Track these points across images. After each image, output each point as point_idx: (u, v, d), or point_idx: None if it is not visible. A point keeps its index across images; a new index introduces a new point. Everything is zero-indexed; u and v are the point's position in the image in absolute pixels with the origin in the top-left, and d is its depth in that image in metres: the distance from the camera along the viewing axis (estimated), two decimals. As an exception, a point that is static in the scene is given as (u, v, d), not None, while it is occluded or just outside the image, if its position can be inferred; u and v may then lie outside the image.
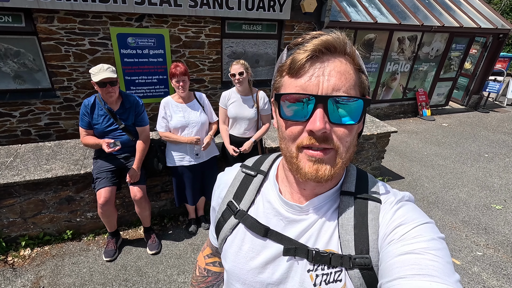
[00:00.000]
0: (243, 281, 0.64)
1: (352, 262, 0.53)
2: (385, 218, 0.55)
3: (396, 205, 0.56)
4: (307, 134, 0.51)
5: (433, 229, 0.51)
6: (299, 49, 0.50)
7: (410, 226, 0.51)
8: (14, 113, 4.25)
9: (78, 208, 2.71)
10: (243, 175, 0.71)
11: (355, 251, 0.53)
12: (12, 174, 2.42)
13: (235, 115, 2.61)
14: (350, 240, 0.54)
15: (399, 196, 0.58)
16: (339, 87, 0.49)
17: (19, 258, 2.52)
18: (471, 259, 2.77)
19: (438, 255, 0.46)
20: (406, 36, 6.79)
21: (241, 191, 0.68)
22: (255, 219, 0.63)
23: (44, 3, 3.71)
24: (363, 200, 0.57)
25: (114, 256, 2.61)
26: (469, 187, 4.11)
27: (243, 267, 0.64)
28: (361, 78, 0.53)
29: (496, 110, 8.48)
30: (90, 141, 2.35)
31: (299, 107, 0.50)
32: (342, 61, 0.50)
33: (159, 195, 3.02)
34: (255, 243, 0.63)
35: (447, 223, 3.30)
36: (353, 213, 0.56)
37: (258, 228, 0.62)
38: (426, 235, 0.49)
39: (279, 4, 4.86)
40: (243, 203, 0.66)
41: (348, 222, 0.55)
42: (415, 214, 0.54)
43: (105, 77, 2.17)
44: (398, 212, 0.55)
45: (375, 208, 0.56)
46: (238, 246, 0.65)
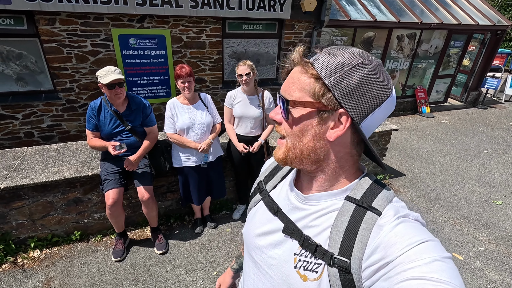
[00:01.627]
0: (247, 244, 0.78)
1: (332, 260, 0.56)
2: (380, 233, 0.54)
3: (396, 220, 0.54)
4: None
5: (435, 248, 0.49)
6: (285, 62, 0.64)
7: (408, 245, 0.49)
8: (17, 115, 4.26)
9: (85, 210, 2.74)
10: (276, 163, 0.83)
11: (338, 252, 0.56)
12: (21, 176, 2.44)
13: (241, 115, 2.64)
14: (338, 241, 0.57)
15: (403, 213, 0.57)
16: (285, 89, 0.62)
17: (28, 260, 2.55)
18: (473, 254, 2.82)
19: (442, 279, 0.43)
20: (405, 33, 6.84)
21: (271, 176, 0.81)
22: (272, 198, 0.75)
23: (46, 5, 3.71)
24: (363, 209, 0.58)
25: (123, 256, 2.64)
26: (469, 183, 4.17)
27: (251, 232, 0.77)
28: (314, 85, 0.56)
29: (495, 106, 8.55)
30: (97, 143, 2.38)
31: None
32: (296, 69, 0.61)
33: (165, 195, 3.05)
34: (265, 217, 0.74)
35: (448, 219, 3.36)
36: (349, 218, 0.58)
37: (272, 206, 0.73)
38: (426, 255, 0.47)
39: (279, 3, 4.88)
40: (269, 185, 0.79)
41: (342, 224, 0.58)
42: (416, 231, 0.52)
43: (114, 78, 2.20)
44: (396, 228, 0.53)
45: (371, 219, 0.56)
46: (253, 215, 0.79)
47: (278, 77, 5.84)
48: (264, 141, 2.73)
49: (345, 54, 0.56)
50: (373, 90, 0.55)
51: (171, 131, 2.57)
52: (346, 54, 0.56)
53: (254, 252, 0.75)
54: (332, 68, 0.55)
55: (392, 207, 0.58)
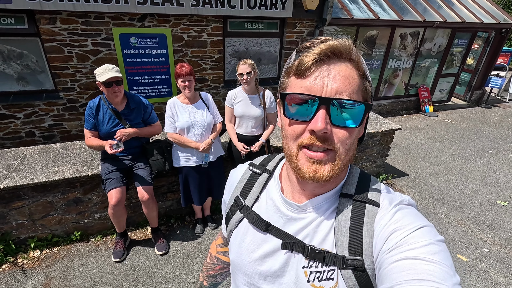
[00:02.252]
0: (244, 272, 0.68)
1: (344, 263, 0.54)
2: (381, 223, 0.55)
3: (393, 208, 0.56)
4: (308, 134, 0.53)
5: (430, 233, 0.51)
6: (307, 52, 0.52)
7: (406, 231, 0.51)
8: (18, 115, 4.25)
9: (86, 210, 2.72)
10: (250, 173, 0.74)
11: (348, 252, 0.55)
12: (20, 176, 2.42)
13: (242, 114, 2.61)
14: (345, 241, 0.55)
15: (397, 200, 0.58)
16: (342, 91, 0.51)
17: (28, 260, 2.53)
18: (478, 256, 2.77)
19: (435, 259, 0.46)
20: (408, 32, 6.77)
21: (247, 188, 0.72)
22: (258, 214, 0.67)
23: (46, 5, 3.70)
24: (361, 203, 0.58)
25: (123, 257, 2.62)
26: (473, 184, 4.11)
27: (245, 258, 0.68)
28: (365, 84, 0.55)
29: (499, 105, 8.46)
30: (94, 142, 2.35)
31: (303, 107, 0.53)
32: (347, 66, 0.52)
33: (165, 196, 3.03)
34: (256, 237, 0.66)
35: (453, 220, 3.31)
36: (350, 215, 0.57)
37: (259, 223, 0.65)
38: (423, 239, 0.49)
39: (281, 2, 4.84)
40: (248, 199, 0.70)
41: (344, 223, 0.56)
42: (412, 218, 0.54)
43: (111, 76, 2.17)
44: (395, 216, 0.54)
45: (372, 211, 0.56)
46: (241, 238, 0.69)
47: (279, 76, 5.79)
48: (266, 141, 2.70)
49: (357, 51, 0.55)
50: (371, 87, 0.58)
51: (172, 131, 2.55)
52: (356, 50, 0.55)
53: (257, 281, 0.66)
54: (366, 66, 0.55)
55: (386, 196, 0.59)
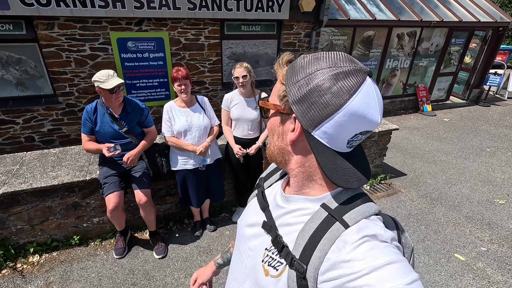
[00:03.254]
0: (238, 232, 0.84)
1: (292, 262, 0.58)
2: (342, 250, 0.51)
3: (360, 239, 0.50)
4: None
5: (397, 273, 0.45)
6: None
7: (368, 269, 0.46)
8: (17, 120, 4.27)
9: (84, 214, 2.74)
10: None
11: (299, 256, 0.57)
12: (19, 182, 2.44)
13: (238, 117, 2.63)
14: (301, 245, 0.58)
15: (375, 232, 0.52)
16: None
17: (28, 265, 2.55)
18: (476, 255, 2.78)
19: None
20: (405, 32, 6.79)
21: (271, 174, 0.86)
22: (265, 195, 0.79)
23: (44, 10, 3.72)
24: (333, 219, 0.56)
25: (124, 253, 2.68)
26: (472, 182, 4.12)
27: (242, 221, 0.83)
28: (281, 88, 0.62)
29: (497, 104, 8.47)
30: (91, 146, 2.37)
31: None
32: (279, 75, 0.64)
33: (164, 199, 3.05)
34: (255, 210, 0.79)
35: (450, 219, 3.32)
36: (317, 225, 0.57)
37: (262, 202, 0.78)
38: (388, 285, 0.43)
39: (277, 4, 4.87)
40: (267, 182, 0.84)
41: (309, 230, 0.58)
42: (380, 252, 0.48)
43: (119, 83, 2.22)
44: (358, 248, 0.49)
45: (336, 231, 0.54)
46: (247, 207, 0.85)
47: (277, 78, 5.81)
48: (262, 143, 2.72)
49: (311, 59, 0.56)
50: (324, 97, 0.52)
51: (169, 134, 2.56)
52: (312, 59, 0.56)
53: (240, 241, 0.80)
54: (293, 73, 0.58)
55: (364, 223, 0.54)
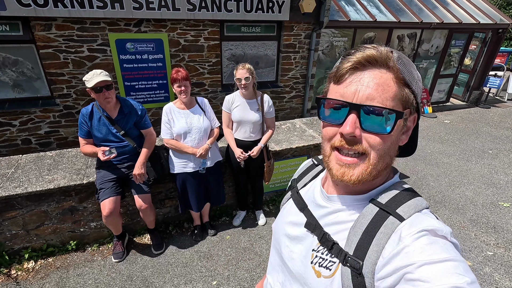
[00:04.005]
0: (276, 234, 0.81)
1: (345, 259, 0.56)
2: (397, 241, 0.51)
3: (420, 232, 0.50)
4: (339, 136, 0.57)
5: (457, 270, 0.43)
6: (345, 59, 0.55)
7: (427, 263, 0.45)
8: (14, 122, 4.21)
9: (81, 218, 2.67)
10: (310, 163, 0.87)
11: (353, 253, 0.56)
12: (14, 186, 2.37)
13: (239, 119, 2.57)
14: (354, 241, 0.56)
15: (432, 226, 0.51)
16: (374, 97, 0.52)
17: (22, 271, 2.47)
18: (482, 259, 2.72)
19: None
20: (405, 33, 6.77)
21: (303, 175, 0.84)
22: (301, 195, 0.77)
23: (41, 11, 3.67)
24: (386, 213, 0.56)
25: (123, 257, 2.63)
26: (475, 185, 4.07)
27: (280, 221, 0.81)
28: (403, 92, 0.54)
29: (497, 106, 8.45)
30: (88, 150, 2.31)
31: (336, 111, 0.56)
32: (382, 73, 0.53)
33: (163, 202, 2.98)
34: (293, 210, 0.77)
35: (455, 222, 3.26)
36: (369, 220, 0.57)
37: (299, 202, 0.76)
38: (445, 281, 0.42)
39: (277, 5, 4.83)
40: (300, 183, 0.82)
41: (361, 226, 0.57)
42: (439, 248, 0.47)
43: (100, 80, 2.11)
44: (417, 242, 0.49)
45: (392, 224, 0.54)
46: (282, 209, 0.84)
47: (277, 80, 5.77)
48: (264, 145, 2.66)
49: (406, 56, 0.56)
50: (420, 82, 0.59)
51: (168, 137, 2.50)
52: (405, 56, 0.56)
53: (280, 245, 0.77)
54: (410, 73, 0.55)
55: (419, 216, 0.54)
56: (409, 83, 0.55)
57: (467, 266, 0.45)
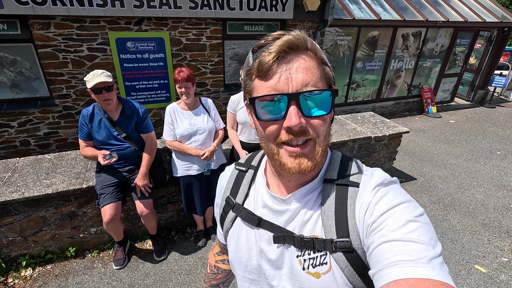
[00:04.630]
0: (244, 268, 0.70)
1: (334, 245, 0.56)
2: (362, 202, 0.56)
3: (374, 189, 0.56)
4: (285, 131, 0.54)
5: (407, 209, 0.51)
6: (263, 51, 0.52)
7: (384, 210, 0.52)
8: (12, 123, 4.11)
9: (81, 224, 2.57)
10: (237, 172, 0.76)
11: (336, 235, 0.56)
12: (10, 191, 2.27)
13: (245, 121, 2.47)
14: (332, 225, 0.57)
15: (379, 179, 0.58)
16: (307, 82, 0.52)
17: (20, 279, 2.38)
18: (497, 266, 2.62)
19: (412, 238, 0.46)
20: (410, 32, 6.66)
21: (236, 187, 0.73)
22: (250, 210, 0.68)
23: (39, 9, 3.57)
24: (344, 186, 0.59)
25: (124, 264, 2.55)
26: (485, 187, 3.97)
27: (243, 256, 0.69)
28: (325, 71, 0.56)
29: (503, 105, 8.34)
30: (88, 152, 2.22)
31: (274, 107, 0.53)
32: (305, 58, 0.53)
33: (165, 207, 2.88)
34: (250, 234, 0.68)
35: (466, 226, 3.16)
36: (334, 199, 0.58)
37: (251, 219, 0.67)
38: (400, 219, 0.49)
39: (281, 3, 4.72)
40: (238, 197, 0.71)
41: (330, 208, 0.58)
42: (391, 196, 0.54)
43: (100, 81, 2.01)
44: (376, 196, 0.55)
45: (354, 193, 0.57)
46: (237, 237, 0.70)
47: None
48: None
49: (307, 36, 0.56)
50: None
51: (171, 138, 2.40)
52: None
53: (258, 275, 0.68)
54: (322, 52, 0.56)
55: (367, 177, 0.60)
56: (325, 61, 0.56)
57: (415, 204, 0.53)
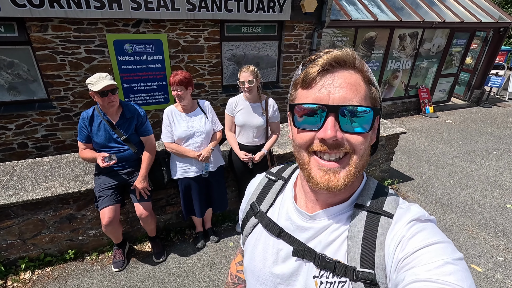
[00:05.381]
0: (257, 278, 0.68)
1: (355, 274, 0.53)
2: (394, 235, 0.53)
3: (409, 223, 0.53)
4: (318, 141, 0.53)
5: (446, 249, 0.48)
6: (311, 64, 0.53)
7: (420, 247, 0.49)
8: (10, 126, 4.10)
9: (80, 226, 2.58)
10: (266, 180, 0.76)
11: (360, 264, 0.53)
12: (9, 194, 2.28)
13: (243, 123, 2.48)
14: (357, 253, 0.54)
15: (415, 214, 0.55)
16: (350, 98, 0.51)
17: (19, 282, 2.38)
18: (493, 265, 2.65)
19: (449, 281, 0.43)
20: (407, 33, 6.70)
21: (263, 194, 0.73)
22: (272, 219, 0.67)
23: (37, 12, 3.57)
24: (376, 215, 0.56)
25: (123, 266, 2.56)
26: (481, 187, 4.01)
27: (257, 264, 0.67)
28: (371, 90, 0.55)
29: (499, 105, 8.41)
30: (88, 155, 2.23)
31: (312, 116, 0.53)
32: (351, 73, 0.53)
33: (164, 209, 2.89)
34: (269, 242, 0.66)
35: (463, 226, 3.19)
36: (364, 226, 0.56)
37: (273, 228, 0.66)
38: (437, 258, 0.46)
39: (278, 4, 4.74)
40: (263, 205, 0.71)
41: (357, 235, 0.55)
42: (428, 234, 0.51)
43: (107, 84, 2.05)
44: (410, 230, 0.52)
45: (386, 224, 0.55)
46: (254, 244, 0.69)
47: (278, 81, 5.69)
48: (268, 151, 2.58)
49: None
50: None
51: (169, 140, 2.42)
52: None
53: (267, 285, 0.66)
54: (371, 73, 0.56)
55: (403, 209, 0.57)
56: (373, 82, 0.56)
57: (453, 246, 0.50)
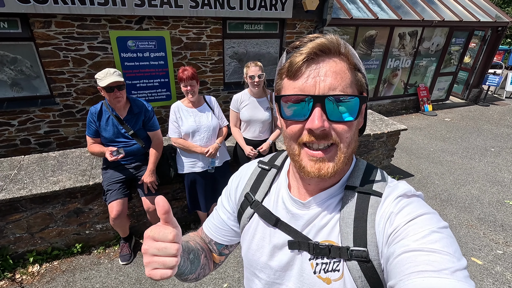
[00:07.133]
0: (255, 266, 0.71)
1: (349, 253, 0.55)
2: (383, 212, 0.55)
3: (396, 199, 0.56)
4: (307, 132, 0.54)
5: (431, 220, 0.50)
6: (295, 52, 0.53)
7: (406, 219, 0.51)
8: (13, 122, 4.11)
9: (87, 220, 2.61)
10: (259, 170, 0.76)
11: (353, 243, 0.55)
12: (18, 188, 2.30)
13: (249, 118, 2.52)
14: (349, 233, 0.56)
15: (402, 190, 0.57)
16: (335, 86, 0.51)
17: (27, 275, 2.41)
18: (493, 258, 2.71)
19: (435, 248, 0.45)
20: (406, 31, 6.76)
21: (257, 184, 0.73)
22: (268, 209, 0.68)
23: (40, 8, 3.57)
24: (365, 195, 0.58)
25: (130, 259, 2.58)
26: (480, 183, 4.07)
27: (255, 253, 0.70)
28: (357, 76, 0.55)
29: (496, 103, 8.50)
30: (96, 149, 2.26)
31: (299, 107, 0.54)
32: (336, 61, 0.52)
33: (170, 203, 2.92)
34: (266, 232, 0.68)
35: (463, 221, 3.25)
36: (354, 207, 0.57)
37: (269, 217, 0.67)
38: (423, 228, 0.49)
39: (281, 2, 4.77)
40: (258, 194, 0.71)
41: (349, 215, 0.57)
42: (414, 207, 0.53)
43: (113, 80, 2.07)
44: (397, 206, 0.54)
45: (376, 202, 0.57)
46: (252, 234, 0.71)
47: (280, 78, 5.71)
48: (273, 142, 2.62)
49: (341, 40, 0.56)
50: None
51: (176, 136, 2.45)
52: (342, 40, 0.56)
53: (268, 274, 0.68)
54: (357, 57, 0.56)
55: (390, 187, 0.59)
56: (359, 67, 0.56)
57: (438, 216, 0.52)
